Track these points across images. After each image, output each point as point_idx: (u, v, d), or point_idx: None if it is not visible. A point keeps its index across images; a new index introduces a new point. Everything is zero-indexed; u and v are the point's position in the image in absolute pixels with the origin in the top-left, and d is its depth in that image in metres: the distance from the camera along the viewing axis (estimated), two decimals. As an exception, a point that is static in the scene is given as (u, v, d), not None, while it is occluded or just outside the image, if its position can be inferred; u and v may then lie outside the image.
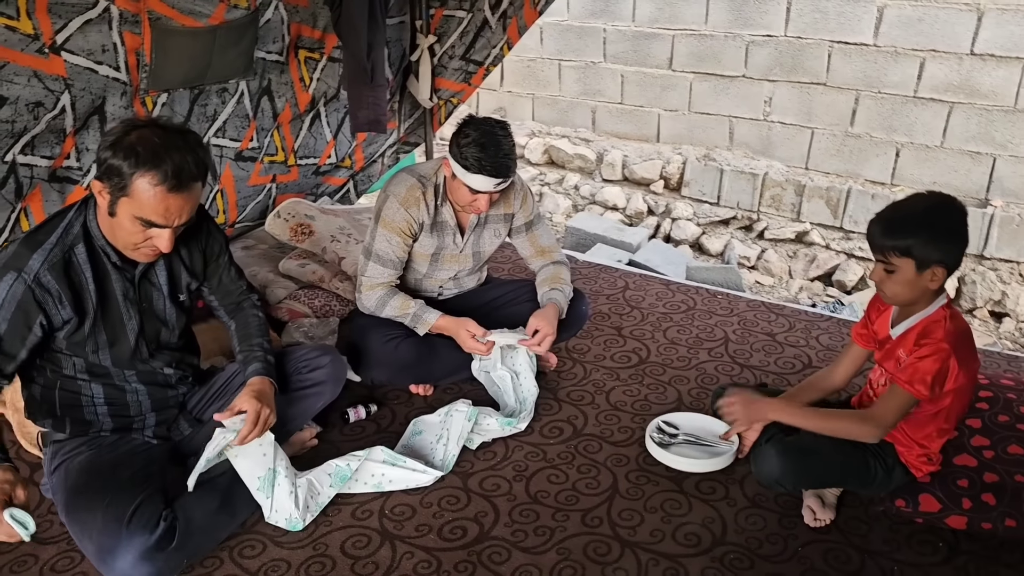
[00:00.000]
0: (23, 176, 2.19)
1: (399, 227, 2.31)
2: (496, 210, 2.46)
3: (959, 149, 5.08)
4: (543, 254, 2.58)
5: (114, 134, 1.58)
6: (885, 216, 1.72)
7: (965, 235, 1.70)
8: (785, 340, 2.81)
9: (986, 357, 2.67)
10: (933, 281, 1.69)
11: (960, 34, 4.86)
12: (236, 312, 2.02)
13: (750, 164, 5.69)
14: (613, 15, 6.20)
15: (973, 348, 1.80)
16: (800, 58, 5.48)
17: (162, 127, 1.61)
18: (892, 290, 1.74)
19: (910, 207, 1.73)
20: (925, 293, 1.73)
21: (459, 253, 2.47)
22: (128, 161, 1.54)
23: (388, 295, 2.37)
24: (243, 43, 2.59)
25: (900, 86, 5.16)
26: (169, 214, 1.60)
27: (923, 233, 1.65)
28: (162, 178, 1.55)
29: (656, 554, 1.80)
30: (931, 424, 1.81)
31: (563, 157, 6.33)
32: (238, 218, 3.18)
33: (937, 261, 1.66)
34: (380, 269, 2.36)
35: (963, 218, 1.68)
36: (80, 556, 1.75)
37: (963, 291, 4.82)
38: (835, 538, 1.85)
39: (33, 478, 2.05)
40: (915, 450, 1.84)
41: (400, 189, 2.32)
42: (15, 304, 1.59)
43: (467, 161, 2.14)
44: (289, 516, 1.85)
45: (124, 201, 1.58)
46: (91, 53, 2.15)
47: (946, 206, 1.69)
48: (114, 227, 1.64)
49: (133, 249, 1.67)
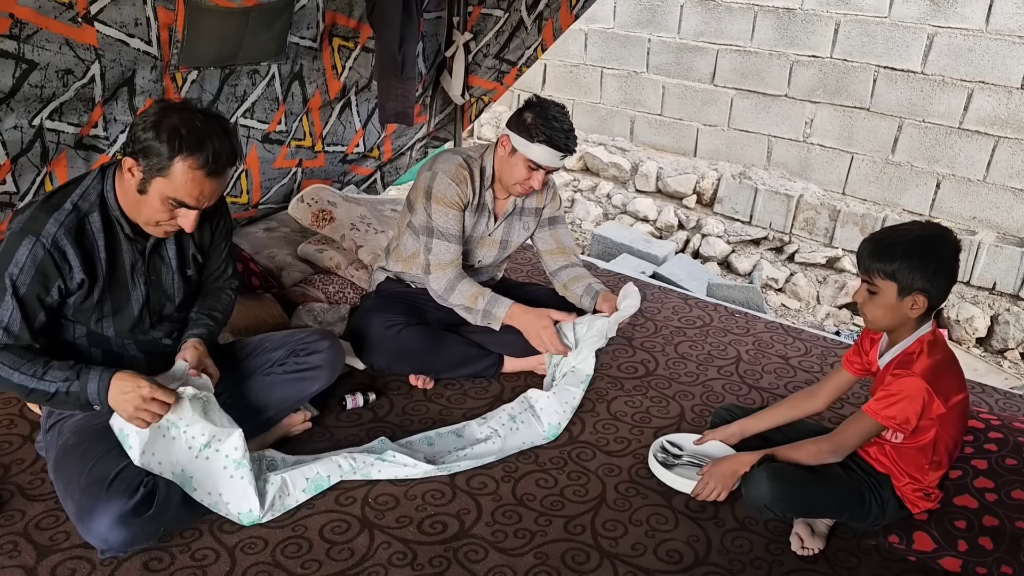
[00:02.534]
0: (49, 141, 2.24)
1: (453, 200, 2.35)
2: (530, 203, 2.52)
3: (1002, 185, 4.94)
4: (563, 252, 2.60)
5: (152, 115, 1.60)
6: (877, 237, 1.72)
7: (953, 270, 1.69)
8: (799, 364, 2.76)
9: (1008, 399, 2.59)
10: (914, 309, 1.68)
11: (1011, 67, 4.73)
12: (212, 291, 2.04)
13: (786, 185, 5.60)
14: (659, 26, 6.16)
15: (957, 377, 1.75)
16: (845, 81, 5.38)
17: (201, 112, 1.65)
18: (872, 313, 1.74)
19: (902, 232, 1.71)
20: (906, 321, 1.72)
21: (488, 237, 2.50)
22: (171, 144, 1.57)
23: (457, 278, 2.39)
24: (276, 26, 2.62)
25: (945, 116, 5.04)
26: (202, 197, 1.65)
27: (910, 259, 1.64)
28: (203, 163, 1.60)
29: (635, 568, 1.77)
30: (921, 456, 1.77)
31: (598, 165, 6.31)
32: (262, 199, 3.22)
33: (920, 289, 1.66)
34: (445, 244, 2.38)
35: (955, 252, 1.67)
36: (65, 515, 1.78)
37: (995, 331, 4.69)
38: (822, 569, 1.80)
39: (32, 436, 2.09)
40: (909, 483, 1.79)
41: (449, 167, 2.36)
42: (35, 268, 1.62)
43: (532, 133, 2.21)
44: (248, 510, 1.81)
45: (159, 181, 1.61)
46: (123, 25, 2.19)
47: (939, 238, 1.68)
48: (141, 204, 1.66)
49: (155, 226, 1.70)
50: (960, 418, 1.77)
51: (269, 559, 1.74)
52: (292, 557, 1.75)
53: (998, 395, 2.61)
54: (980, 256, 4.80)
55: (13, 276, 1.61)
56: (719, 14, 5.84)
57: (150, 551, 1.73)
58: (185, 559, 1.73)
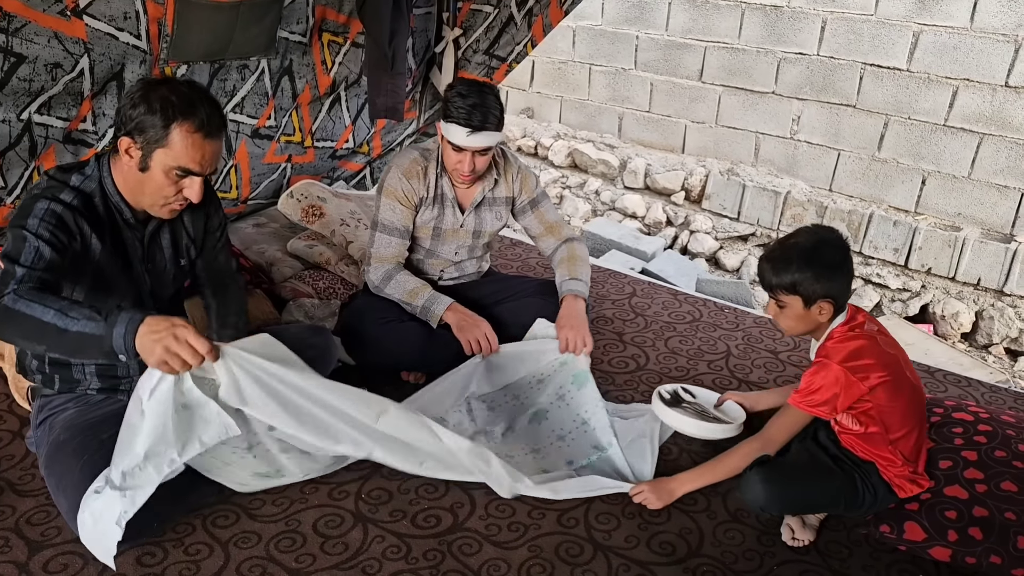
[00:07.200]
0: (38, 135, 2.21)
1: (401, 195, 2.36)
2: (500, 192, 2.51)
3: (986, 181, 5.00)
4: (552, 231, 2.60)
5: (139, 90, 1.63)
6: (771, 255, 1.82)
7: (848, 268, 1.80)
8: (788, 359, 2.78)
9: (993, 393, 2.62)
10: (822, 314, 1.79)
11: (995, 65, 4.78)
12: (220, 290, 2.04)
13: (773, 182, 5.64)
14: (647, 23, 6.18)
15: (877, 359, 1.79)
16: (831, 78, 5.42)
17: (184, 82, 1.68)
18: (786, 324, 1.86)
19: (793, 246, 1.80)
20: (820, 324, 1.83)
21: (459, 228, 2.50)
22: (164, 112, 1.59)
23: (394, 271, 2.39)
24: (266, 21, 2.60)
25: (931, 113, 5.09)
26: (205, 161, 1.66)
27: (807, 271, 1.75)
28: (199, 125, 1.62)
29: (628, 560, 1.78)
30: (877, 437, 1.82)
31: (586, 161, 6.32)
32: (251, 195, 3.20)
33: (822, 296, 1.76)
34: (387, 238, 2.38)
35: (845, 253, 1.80)
36: (56, 511, 1.77)
37: (980, 326, 4.74)
38: (813, 560, 1.81)
39: (22, 432, 2.08)
40: (889, 467, 1.83)
41: (403, 161, 2.39)
42: (55, 218, 1.60)
43: (445, 113, 2.23)
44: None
45: (160, 153, 1.62)
46: (113, 19, 2.17)
47: (827, 242, 1.79)
48: (144, 183, 1.66)
49: (162, 205, 1.70)
50: (897, 394, 1.80)
51: (263, 553, 1.74)
52: (286, 551, 1.75)
53: (984, 389, 2.64)
54: (965, 252, 4.85)
55: (34, 227, 1.57)
56: (707, 11, 5.86)
57: (143, 546, 1.73)
58: (178, 554, 1.73)
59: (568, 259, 2.54)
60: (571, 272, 2.50)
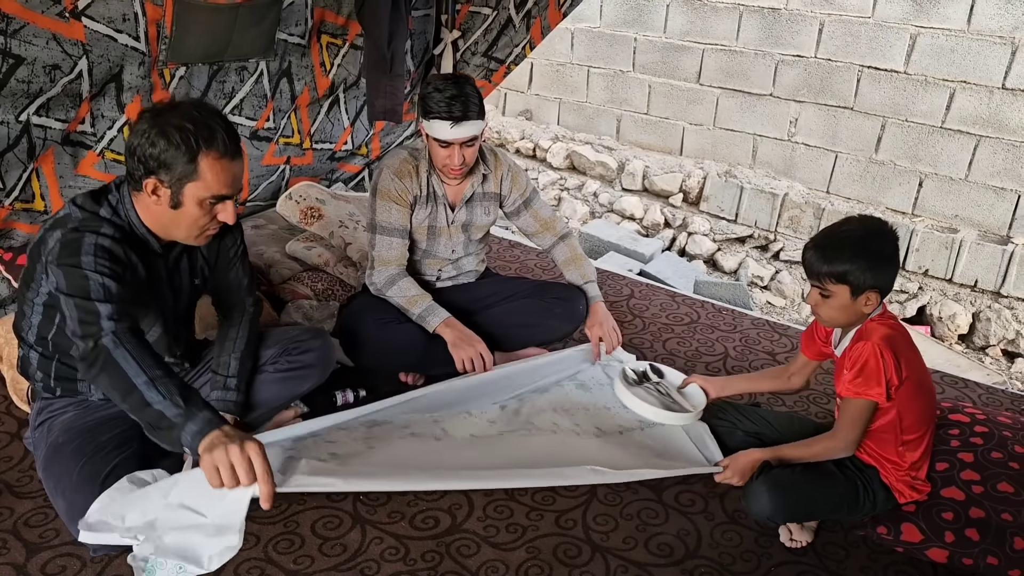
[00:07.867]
0: (36, 137, 2.21)
1: (395, 195, 2.37)
2: (488, 187, 2.52)
3: (983, 183, 5.01)
4: (548, 227, 2.64)
5: (150, 126, 1.57)
6: (820, 243, 1.76)
7: (897, 260, 1.76)
8: (785, 361, 2.78)
9: (990, 394, 2.62)
10: (867, 305, 1.75)
11: (992, 67, 4.80)
12: (226, 314, 2.04)
13: (771, 184, 5.65)
14: (645, 25, 6.19)
15: (912, 351, 1.79)
16: (829, 81, 5.43)
17: (190, 104, 1.63)
18: (828, 314, 1.80)
19: (845, 234, 1.76)
20: (860, 316, 1.78)
21: (452, 225, 2.51)
22: (187, 144, 1.56)
23: (398, 275, 2.40)
24: (265, 23, 2.60)
25: (928, 116, 5.10)
26: (234, 182, 1.66)
27: (859, 260, 1.70)
28: (223, 149, 1.60)
29: (626, 561, 1.78)
30: (889, 436, 1.81)
31: (585, 163, 6.33)
32: (250, 197, 3.20)
33: (871, 286, 1.72)
34: (387, 240, 2.39)
35: (896, 244, 1.75)
36: (54, 513, 1.76)
37: (977, 328, 4.75)
38: (810, 561, 1.82)
39: (20, 434, 2.08)
40: (893, 470, 1.83)
41: (394, 162, 2.40)
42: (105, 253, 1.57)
43: (424, 110, 2.23)
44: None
45: (191, 187, 1.60)
46: (111, 21, 2.17)
47: (880, 232, 1.74)
48: (179, 219, 1.65)
49: (199, 235, 1.70)
50: (918, 394, 1.80)
51: (261, 555, 1.74)
52: (284, 553, 1.75)
53: (981, 390, 2.64)
54: (962, 254, 4.86)
55: (90, 264, 1.54)
56: (705, 14, 5.87)
57: (141, 548, 1.72)
58: (177, 556, 1.72)
59: (573, 259, 2.61)
60: (583, 275, 2.58)
